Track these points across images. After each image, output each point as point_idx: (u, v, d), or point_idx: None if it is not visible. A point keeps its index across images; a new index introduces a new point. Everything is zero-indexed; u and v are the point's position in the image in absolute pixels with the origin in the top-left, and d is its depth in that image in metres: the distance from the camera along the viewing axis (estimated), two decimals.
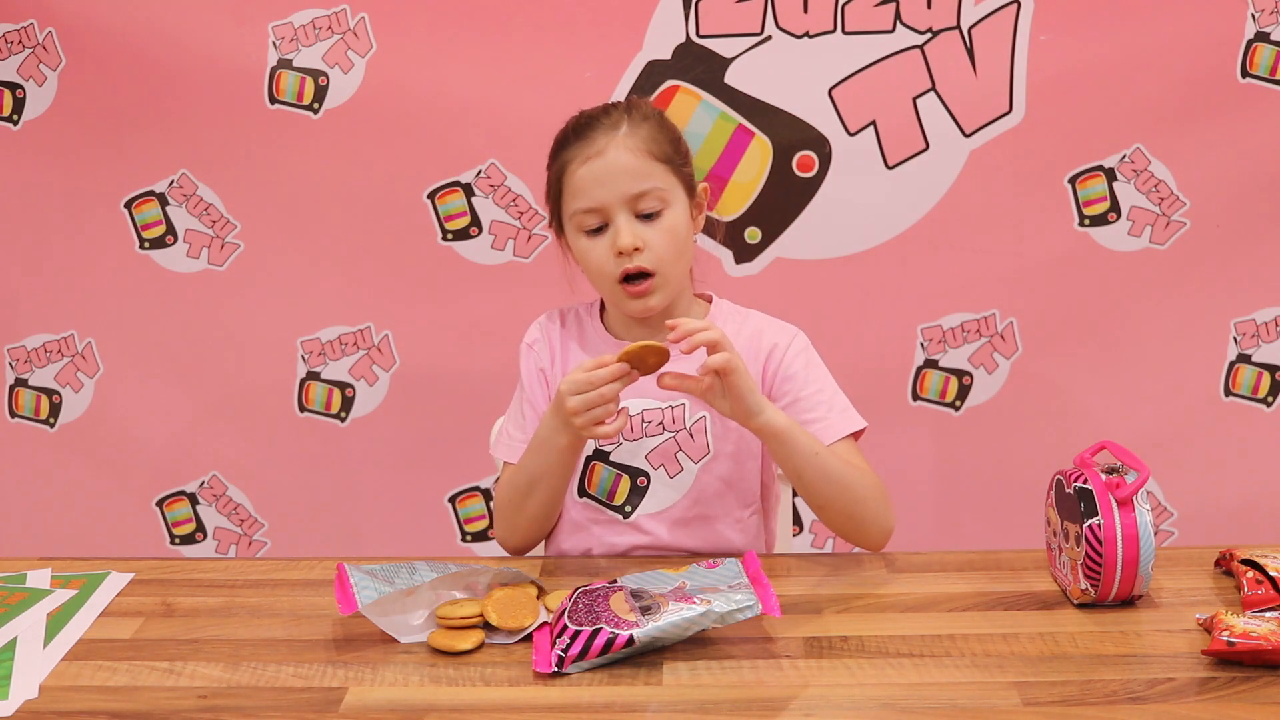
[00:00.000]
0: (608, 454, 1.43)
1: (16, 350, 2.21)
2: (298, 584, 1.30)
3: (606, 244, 1.34)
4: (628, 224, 1.33)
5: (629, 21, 2.02)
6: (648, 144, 1.34)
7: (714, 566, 1.19)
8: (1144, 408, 2.12)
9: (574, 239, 1.38)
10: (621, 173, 1.33)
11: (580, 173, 1.34)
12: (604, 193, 1.33)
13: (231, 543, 2.27)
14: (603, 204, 1.33)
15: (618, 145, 1.33)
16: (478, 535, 2.24)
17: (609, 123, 1.36)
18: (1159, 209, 2.05)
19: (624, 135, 1.34)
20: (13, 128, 2.11)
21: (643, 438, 1.42)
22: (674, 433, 1.42)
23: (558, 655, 1.08)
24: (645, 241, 1.33)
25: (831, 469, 1.31)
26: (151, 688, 1.08)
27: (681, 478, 1.42)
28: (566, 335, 1.47)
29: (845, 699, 1.04)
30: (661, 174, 1.35)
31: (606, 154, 1.33)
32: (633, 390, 1.40)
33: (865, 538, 1.35)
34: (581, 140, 1.35)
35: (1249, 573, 1.19)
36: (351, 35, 2.04)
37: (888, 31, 2.00)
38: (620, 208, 1.33)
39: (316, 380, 2.19)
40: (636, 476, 1.42)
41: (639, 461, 1.42)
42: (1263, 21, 1.97)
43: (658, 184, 1.34)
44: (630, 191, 1.33)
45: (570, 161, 1.35)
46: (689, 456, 1.42)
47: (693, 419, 1.41)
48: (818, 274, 2.08)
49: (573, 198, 1.35)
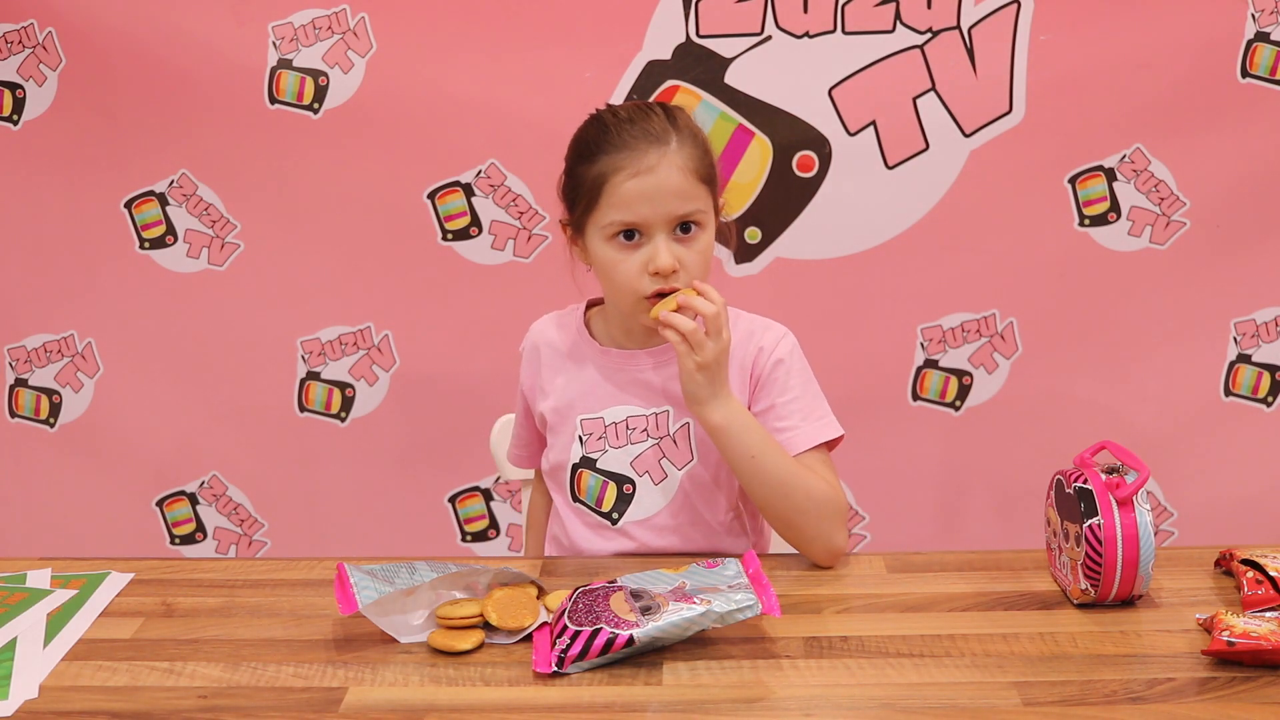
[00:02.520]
0: (594, 461, 1.43)
1: (16, 350, 2.21)
2: (298, 584, 1.30)
3: (641, 260, 1.32)
4: (667, 245, 1.31)
5: (629, 22, 2.02)
6: (695, 163, 1.32)
7: (714, 566, 1.19)
8: (1144, 408, 2.12)
9: (600, 246, 1.34)
10: (671, 193, 1.30)
11: (628, 185, 1.30)
12: (650, 210, 1.30)
13: (231, 543, 2.27)
14: (646, 221, 1.31)
15: (669, 164, 1.30)
16: (478, 535, 2.24)
17: (656, 133, 1.32)
18: (1159, 209, 2.05)
19: (674, 152, 1.31)
20: (13, 128, 2.11)
21: (627, 444, 1.42)
22: (658, 439, 1.41)
23: (558, 655, 1.08)
24: (683, 263, 1.32)
25: (771, 474, 1.31)
26: (151, 688, 1.08)
27: (666, 484, 1.42)
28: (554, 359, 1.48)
29: (845, 699, 1.04)
30: (704, 196, 1.33)
31: (658, 171, 1.30)
32: (617, 398, 1.42)
33: (809, 549, 1.33)
34: (630, 151, 1.31)
35: (1249, 573, 1.19)
36: (351, 35, 2.04)
37: (888, 31, 2.00)
38: (662, 226, 1.31)
39: (316, 380, 2.19)
40: (623, 484, 1.42)
41: (624, 469, 1.42)
42: (1263, 21, 1.97)
43: (700, 206, 1.32)
44: (677, 213, 1.31)
45: (617, 171, 1.31)
46: (673, 463, 1.42)
47: (676, 425, 1.41)
48: (818, 274, 2.08)
49: (613, 208, 1.32)
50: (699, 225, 1.33)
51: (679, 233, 1.32)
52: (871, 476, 2.14)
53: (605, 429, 1.42)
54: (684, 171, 1.31)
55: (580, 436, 1.43)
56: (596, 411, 1.43)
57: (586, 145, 1.35)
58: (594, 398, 1.43)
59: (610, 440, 1.41)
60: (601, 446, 1.42)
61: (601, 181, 1.32)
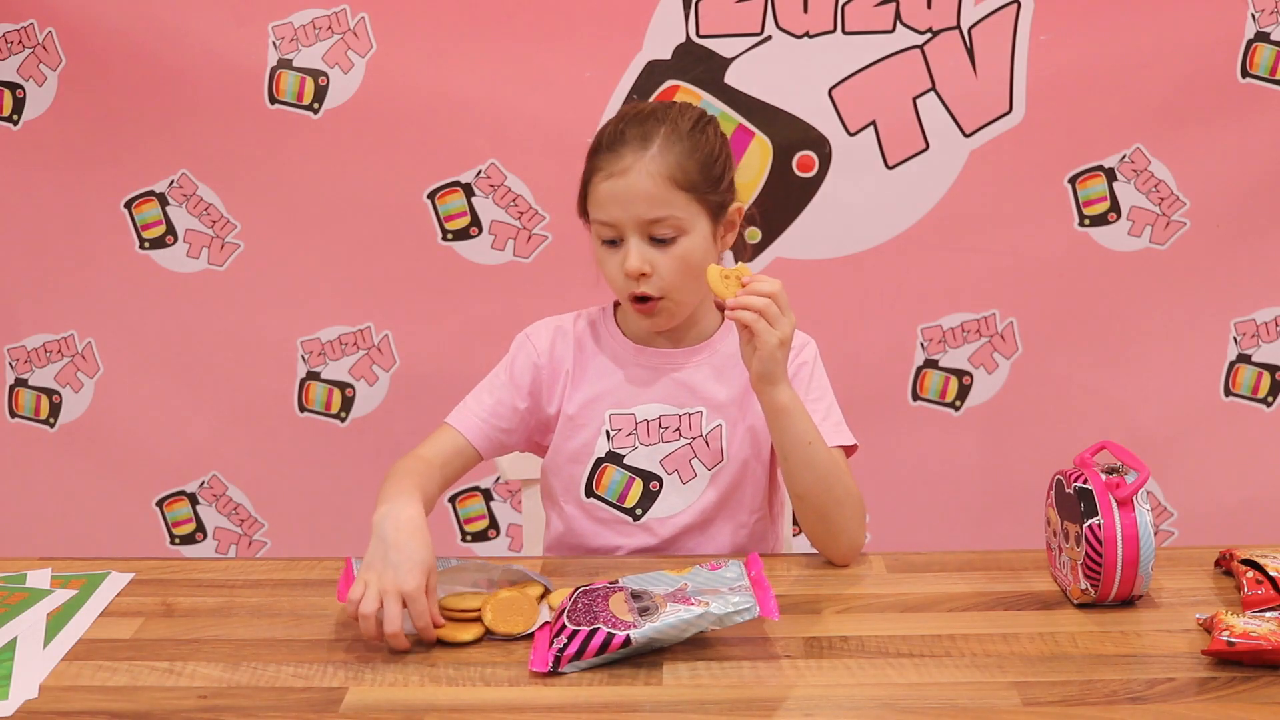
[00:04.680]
0: (622, 457, 1.43)
1: (16, 350, 2.21)
2: (298, 584, 1.30)
3: (619, 260, 1.34)
4: (638, 247, 1.33)
5: (629, 21, 2.02)
6: (672, 170, 1.32)
7: (717, 569, 1.19)
8: (1144, 408, 2.12)
9: (595, 243, 1.38)
10: (637, 198, 1.31)
11: (603, 187, 1.33)
12: (619, 212, 1.32)
13: (231, 543, 2.27)
14: (618, 222, 1.33)
15: (642, 169, 1.31)
16: (478, 535, 2.24)
17: (641, 137, 1.33)
18: (1159, 209, 2.05)
19: (650, 158, 1.32)
20: (13, 128, 2.11)
21: (659, 442, 1.42)
22: (690, 439, 1.42)
23: (554, 654, 1.08)
24: (654, 267, 1.33)
25: (819, 463, 1.31)
26: (151, 688, 1.08)
27: (694, 484, 1.43)
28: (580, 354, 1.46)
29: (845, 699, 1.04)
30: (682, 203, 1.33)
31: (628, 175, 1.31)
32: (650, 395, 1.41)
33: (834, 543, 1.33)
34: (612, 152, 1.33)
35: (1249, 573, 1.19)
36: (351, 35, 2.04)
37: (888, 31, 2.00)
38: (633, 229, 1.33)
39: (316, 380, 2.19)
40: (649, 481, 1.43)
41: (653, 466, 1.43)
42: (1263, 21, 1.97)
43: (675, 213, 1.33)
44: (644, 217, 1.32)
45: (597, 171, 1.34)
46: (703, 463, 1.43)
47: (709, 426, 1.42)
48: (818, 274, 2.08)
49: (594, 207, 1.35)
50: (674, 233, 1.33)
51: (653, 242, 1.33)
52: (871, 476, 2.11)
53: (636, 425, 1.42)
54: (657, 178, 1.31)
55: (608, 431, 1.43)
56: (628, 407, 1.43)
57: (593, 144, 1.38)
58: (625, 393, 1.43)
59: (640, 437, 1.42)
60: (630, 443, 1.42)
61: (589, 181, 1.36)
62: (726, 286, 1.27)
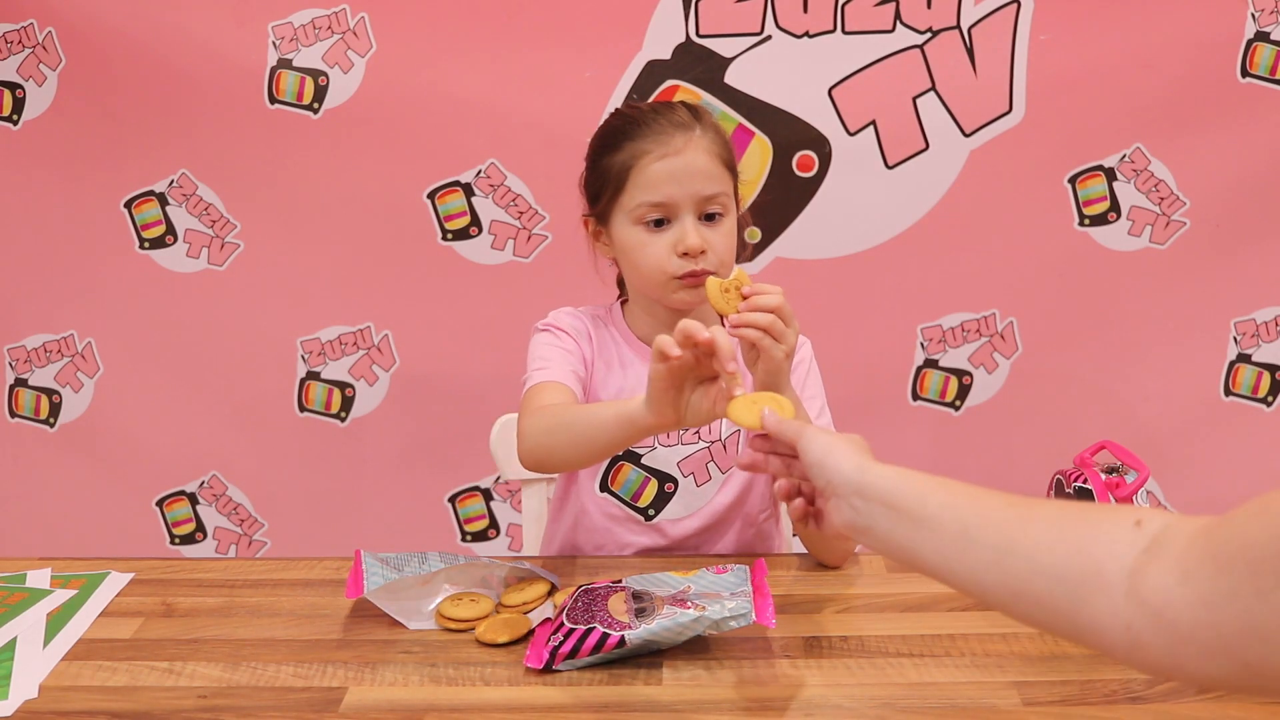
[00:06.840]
0: (639, 456, 1.43)
1: (16, 350, 2.21)
2: (298, 584, 1.30)
3: (669, 241, 1.33)
4: (695, 226, 1.33)
5: (629, 21, 2.02)
6: (720, 149, 1.36)
7: (723, 572, 1.19)
8: (1144, 407, 2.12)
9: (628, 230, 1.36)
10: (697, 173, 1.33)
11: (655, 167, 1.33)
12: (677, 191, 1.33)
13: (231, 543, 2.27)
14: (674, 201, 1.33)
15: (695, 147, 1.33)
16: (478, 535, 2.24)
17: (680, 122, 1.35)
18: (1159, 209, 2.05)
19: (699, 137, 1.34)
20: (13, 128, 2.11)
21: (678, 444, 1.43)
22: (709, 443, 1.43)
23: (549, 651, 1.08)
24: (710, 244, 1.34)
25: None
26: (151, 688, 1.08)
27: (708, 486, 1.43)
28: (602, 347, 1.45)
29: (845, 699, 1.04)
30: (728, 181, 1.36)
31: (685, 154, 1.33)
32: None
33: (828, 548, 1.33)
34: (657, 136, 1.34)
35: None
36: (351, 35, 2.04)
37: (888, 31, 2.00)
38: (689, 208, 1.33)
39: (316, 380, 2.19)
40: (665, 482, 1.43)
41: (670, 468, 1.43)
42: (1263, 21, 1.97)
43: (725, 189, 1.35)
44: (703, 193, 1.33)
45: (644, 155, 1.34)
46: (719, 467, 1.43)
47: (728, 431, 1.43)
48: (818, 274, 2.08)
49: (640, 190, 1.34)
50: (723, 211, 1.35)
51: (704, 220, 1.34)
52: None
53: None
54: (710, 155, 1.34)
55: None
56: None
57: (613, 135, 1.38)
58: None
59: (660, 438, 1.42)
60: (649, 443, 1.42)
61: (629, 165, 1.34)
62: (727, 301, 1.26)
